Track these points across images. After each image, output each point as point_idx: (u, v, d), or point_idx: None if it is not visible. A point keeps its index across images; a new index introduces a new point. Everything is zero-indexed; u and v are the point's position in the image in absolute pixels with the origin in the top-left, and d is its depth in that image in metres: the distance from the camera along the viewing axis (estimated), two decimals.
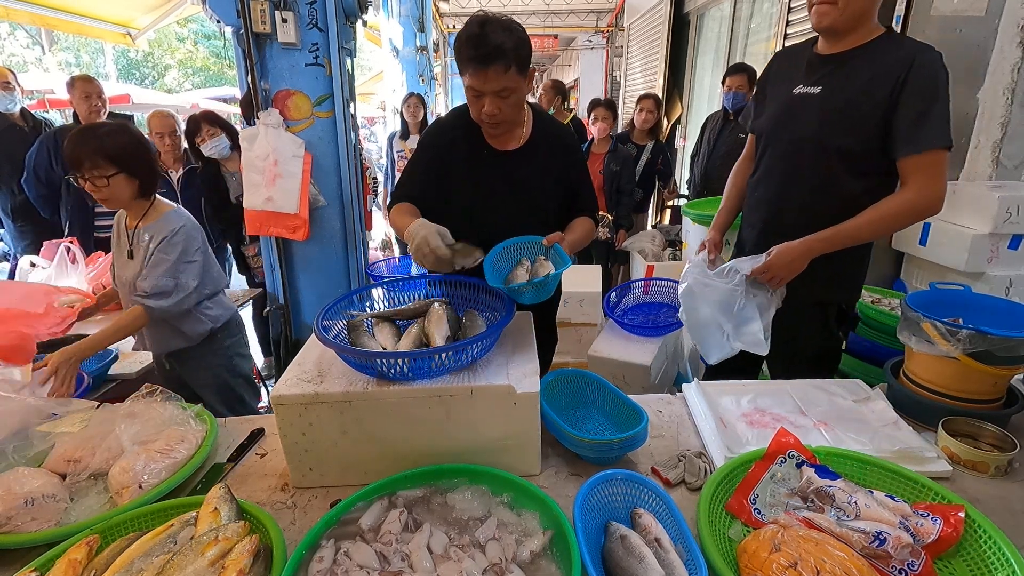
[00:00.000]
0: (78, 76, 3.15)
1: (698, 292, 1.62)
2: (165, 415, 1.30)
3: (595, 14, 10.51)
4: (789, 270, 1.53)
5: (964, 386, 1.28)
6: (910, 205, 1.44)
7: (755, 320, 1.53)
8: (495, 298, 1.38)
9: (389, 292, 1.50)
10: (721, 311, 1.57)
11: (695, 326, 1.67)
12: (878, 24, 1.50)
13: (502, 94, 1.39)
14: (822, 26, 1.48)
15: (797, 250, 1.50)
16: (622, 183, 3.75)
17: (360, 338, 1.26)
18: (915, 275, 2.54)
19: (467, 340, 1.17)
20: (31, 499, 1.05)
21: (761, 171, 1.70)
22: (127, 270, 1.84)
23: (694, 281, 1.64)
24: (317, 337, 1.20)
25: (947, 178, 1.45)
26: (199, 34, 19.39)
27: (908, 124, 1.40)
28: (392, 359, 1.11)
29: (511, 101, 1.42)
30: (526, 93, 1.49)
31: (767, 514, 1.02)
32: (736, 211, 1.87)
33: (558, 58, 16.09)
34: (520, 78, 1.40)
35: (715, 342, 1.61)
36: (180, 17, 6.03)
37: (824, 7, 1.44)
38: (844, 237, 1.49)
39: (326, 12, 2.85)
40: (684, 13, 5.67)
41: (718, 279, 1.59)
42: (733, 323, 1.56)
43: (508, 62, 1.34)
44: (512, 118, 1.49)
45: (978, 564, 0.90)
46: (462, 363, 1.17)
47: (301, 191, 3.01)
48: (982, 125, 2.42)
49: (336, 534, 0.97)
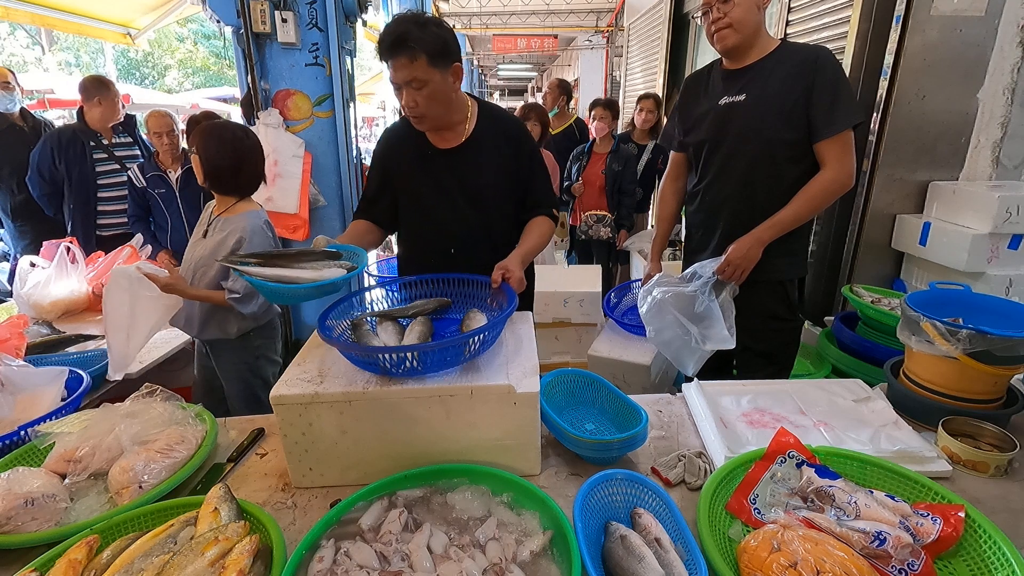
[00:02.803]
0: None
1: (664, 303, 1.78)
2: (165, 415, 1.30)
3: (595, 14, 10.51)
4: (748, 260, 1.73)
5: (964, 386, 1.28)
6: (829, 183, 1.68)
7: (719, 320, 1.70)
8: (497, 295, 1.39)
9: (389, 292, 1.51)
10: (687, 316, 1.75)
11: (665, 343, 1.83)
12: (772, 36, 1.75)
13: (413, 85, 1.43)
14: (728, 47, 1.70)
15: (748, 242, 1.72)
16: (624, 183, 3.75)
17: (364, 337, 1.27)
18: (915, 275, 2.54)
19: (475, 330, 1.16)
20: (31, 499, 1.05)
21: (710, 176, 1.86)
22: (196, 250, 2.01)
23: (660, 292, 1.80)
24: (321, 337, 1.21)
25: (854, 153, 1.68)
26: (199, 34, 19.37)
27: (822, 113, 1.64)
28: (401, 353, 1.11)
29: (425, 93, 1.44)
30: (449, 88, 1.48)
31: (767, 514, 1.01)
32: (668, 235, 2.16)
33: (558, 58, 16.09)
34: (433, 70, 1.42)
35: (687, 351, 1.76)
36: (180, 17, 6.02)
37: (725, 31, 1.67)
38: (786, 222, 1.71)
39: (326, 12, 2.86)
40: (684, 13, 5.67)
41: (681, 284, 1.78)
42: (699, 326, 1.73)
43: (412, 52, 1.38)
44: (434, 112, 1.49)
45: (978, 564, 0.90)
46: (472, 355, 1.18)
47: (301, 191, 3.02)
48: (982, 125, 2.42)
49: (336, 534, 0.97)
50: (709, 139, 1.83)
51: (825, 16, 2.93)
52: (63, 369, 1.56)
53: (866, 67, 2.55)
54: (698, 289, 1.74)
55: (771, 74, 1.69)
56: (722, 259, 1.75)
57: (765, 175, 1.74)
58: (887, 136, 2.47)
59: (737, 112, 1.74)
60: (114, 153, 3.37)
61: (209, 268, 1.93)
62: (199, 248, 1.99)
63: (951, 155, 2.49)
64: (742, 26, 1.65)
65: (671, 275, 1.89)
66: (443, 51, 1.43)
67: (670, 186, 2.08)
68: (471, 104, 1.63)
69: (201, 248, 1.98)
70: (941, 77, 2.38)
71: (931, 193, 2.49)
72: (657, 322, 1.81)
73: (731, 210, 1.83)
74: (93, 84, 3.23)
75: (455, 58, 1.47)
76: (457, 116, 1.59)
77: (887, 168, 2.51)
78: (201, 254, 1.96)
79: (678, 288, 1.77)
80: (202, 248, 1.98)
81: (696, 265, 1.80)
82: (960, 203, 2.31)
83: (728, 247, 1.75)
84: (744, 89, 1.73)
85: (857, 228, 2.65)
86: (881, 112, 2.47)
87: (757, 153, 1.74)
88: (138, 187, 3.09)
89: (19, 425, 1.33)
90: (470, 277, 1.46)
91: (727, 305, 1.74)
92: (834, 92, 1.62)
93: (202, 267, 1.94)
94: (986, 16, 2.30)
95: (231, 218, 1.96)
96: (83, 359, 1.93)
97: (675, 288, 1.78)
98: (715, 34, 1.69)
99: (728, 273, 1.74)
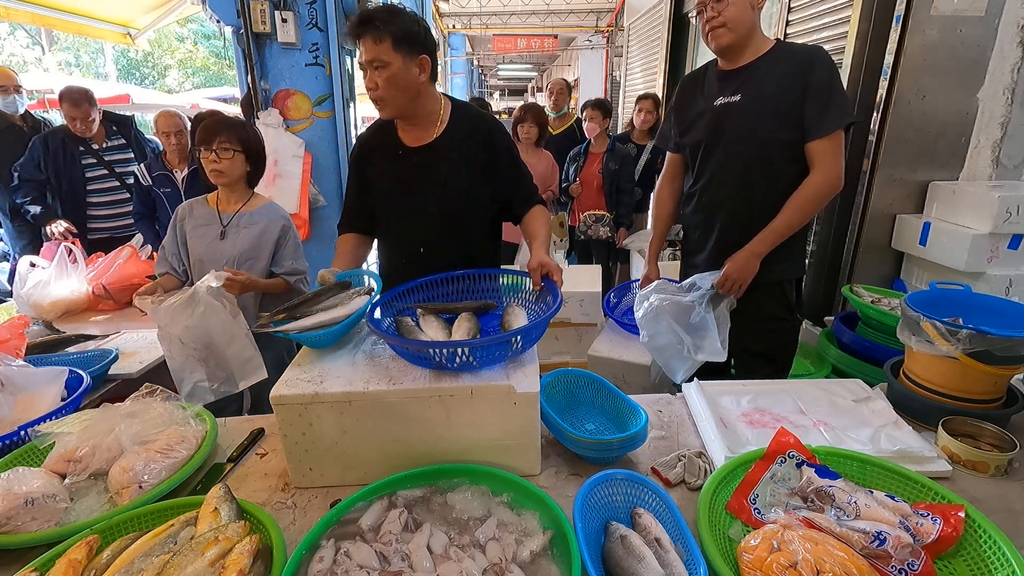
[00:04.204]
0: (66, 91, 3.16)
1: (661, 310, 1.79)
2: (165, 415, 1.30)
3: (595, 14, 10.52)
4: (746, 273, 1.74)
5: (964, 386, 1.28)
6: (818, 186, 1.68)
7: (713, 332, 1.72)
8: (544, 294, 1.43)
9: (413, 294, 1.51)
10: (682, 325, 1.76)
11: (657, 349, 1.85)
12: (767, 37, 1.75)
13: (375, 64, 1.46)
14: (722, 45, 1.70)
15: (745, 256, 1.74)
16: (622, 182, 3.75)
17: (410, 331, 1.30)
18: (915, 275, 2.54)
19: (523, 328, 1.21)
20: (31, 499, 1.05)
21: (707, 177, 1.86)
22: (216, 250, 2.00)
23: (657, 299, 1.81)
24: (370, 329, 1.24)
25: (843, 156, 1.69)
26: (199, 34, 19.36)
27: (815, 113, 1.64)
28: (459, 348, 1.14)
29: (385, 76, 1.47)
30: (411, 78, 1.51)
31: (767, 514, 1.01)
32: (665, 237, 2.16)
33: (558, 58, 16.09)
34: (396, 55, 1.46)
35: (679, 360, 1.79)
36: (180, 17, 6.02)
37: (719, 30, 1.67)
38: (780, 232, 1.72)
39: (326, 12, 2.86)
40: (684, 13, 5.67)
41: (679, 294, 1.79)
42: (693, 337, 1.75)
43: (378, 33, 1.43)
44: (392, 97, 1.51)
45: (978, 564, 0.90)
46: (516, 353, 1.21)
47: (301, 191, 3.02)
48: (982, 125, 2.42)
49: (336, 534, 0.97)
50: (705, 140, 1.83)
51: (825, 16, 2.93)
52: (63, 369, 1.56)
53: (866, 67, 2.55)
54: (695, 300, 1.75)
55: (766, 74, 1.69)
56: (720, 273, 1.76)
57: (762, 175, 1.75)
58: (887, 136, 2.47)
59: (733, 113, 1.74)
60: (103, 158, 3.36)
61: (257, 260, 2.00)
62: (227, 246, 2.00)
63: (951, 155, 2.49)
64: (736, 25, 1.65)
65: (669, 282, 1.89)
66: (409, 39, 1.46)
67: (666, 187, 2.08)
68: (444, 102, 1.64)
69: (232, 246, 2.00)
70: (941, 77, 2.38)
71: (931, 193, 2.49)
72: (652, 327, 1.83)
73: (728, 211, 1.83)
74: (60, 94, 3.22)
75: (424, 51, 1.50)
76: (424, 111, 1.60)
77: (887, 168, 2.52)
78: (242, 248, 2.00)
79: (675, 297, 1.78)
80: (234, 245, 2.00)
81: (696, 276, 1.81)
82: (960, 203, 2.31)
83: (725, 260, 1.77)
84: (739, 90, 1.73)
85: (857, 228, 2.65)
86: (881, 112, 2.47)
87: (753, 154, 1.74)
88: (144, 185, 3.09)
89: (19, 425, 1.33)
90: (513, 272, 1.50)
91: (723, 318, 1.76)
92: (828, 92, 1.63)
93: (247, 261, 1.99)
94: (986, 16, 2.31)
95: (257, 210, 2.03)
96: (83, 359, 1.92)
97: (672, 296, 1.78)
98: (709, 33, 1.70)
99: (728, 287, 1.76)
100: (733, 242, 1.81)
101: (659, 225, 2.14)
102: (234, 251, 1.99)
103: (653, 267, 2.13)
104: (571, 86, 4.56)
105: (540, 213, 1.70)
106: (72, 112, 3.19)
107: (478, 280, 1.52)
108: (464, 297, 1.51)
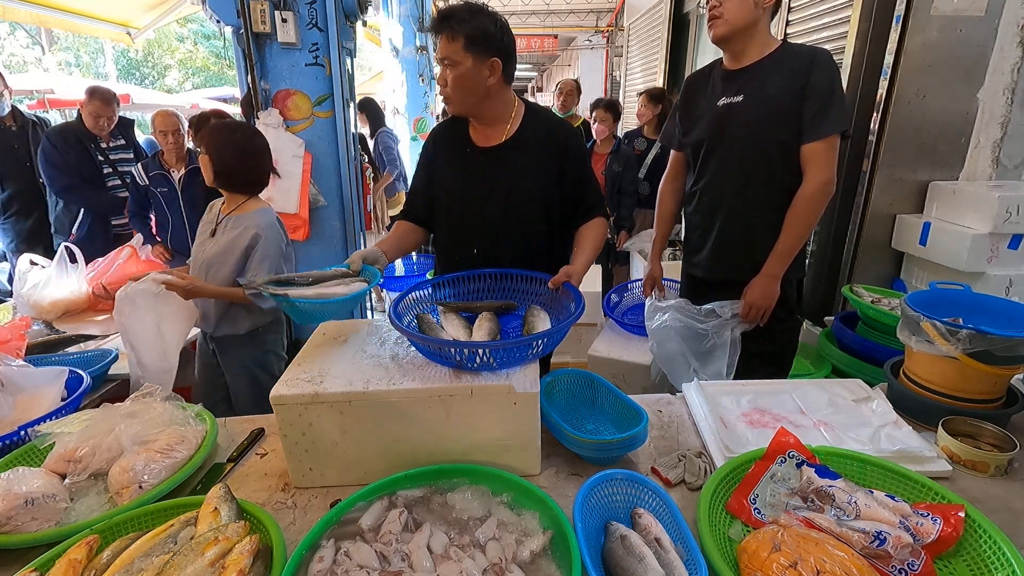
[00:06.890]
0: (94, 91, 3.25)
1: (673, 330, 1.85)
2: (165, 415, 1.30)
3: (595, 14, 10.52)
4: (768, 299, 1.76)
5: (964, 386, 1.28)
6: (814, 193, 1.68)
7: (721, 360, 1.78)
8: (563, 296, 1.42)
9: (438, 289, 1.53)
10: (692, 349, 1.81)
11: (664, 357, 1.91)
12: (774, 37, 1.75)
13: (447, 63, 1.48)
14: (716, 36, 1.71)
15: (763, 282, 1.75)
16: (624, 184, 3.75)
17: (431, 329, 1.31)
18: (915, 275, 2.54)
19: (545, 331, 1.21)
20: (31, 499, 1.05)
21: (708, 177, 1.87)
22: (206, 248, 2.02)
23: (671, 318, 1.86)
24: (394, 326, 1.24)
25: (836, 162, 1.69)
26: (199, 34, 19.36)
27: (812, 115, 1.64)
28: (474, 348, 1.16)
29: (454, 75, 1.48)
30: (480, 79, 1.50)
31: (767, 514, 1.02)
32: (668, 235, 2.16)
33: (558, 58, 16.08)
34: (467, 55, 1.46)
35: (681, 372, 1.85)
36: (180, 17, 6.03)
37: (716, 20, 1.68)
38: (790, 249, 1.73)
39: (326, 12, 2.85)
40: (684, 13, 5.67)
41: (695, 320, 1.82)
42: (700, 360, 1.80)
43: (452, 32, 1.44)
44: (459, 97, 1.52)
45: (978, 564, 0.90)
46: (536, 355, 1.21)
47: (301, 191, 3.01)
48: (982, 125, 2.42)
49: (336, 534, 0.97)
50: (707, 139, 1.83)
51: (825, 16, 2.93)
52: (63, 369, 1.56)
53: (866, 67, 2.55)
54: (710, 330, 1.77)
55: (769, 75, 1.69)
56: (740, 303, 1.77)
57: (762, 176, 1.75)
58: (887, 136, 2.47)
59: (734, 113, 1.74)
60: (109, 157, 3.40)
61: (223, 266, 1.95)
62: (210, 246, 2.00)
63: (951, 155, 2.49)
64: (732, 18, 1.65)
65: (688, 305, 1.88)
66: (483, 41, 1.46)
67: (669, 186, 2.09)
68: (518, 106, 1.62)
69: (213, 246, 1.99)
70: (941, 77, 2.38)
71: (931, 193, 2.49)
72: (661, 337, 1.86)
73: (728, 211, 1.83)
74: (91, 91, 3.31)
75: (496, 53, 1.49)
76: (492, 113, 1.59)
77: (887, 168, 2.52)
78: (214, 251, 1.98)
79: (690, 321, 1.80)
80: (214, 246, 1.99)
81: (715, 304, 1.81)
82: (960, 203, 2.31)
83: (724, 260, 1.80)
84: (742, 90, 1.73)
85: (857, 228, 2.65)
86: (881, 112, 2.47)
87: (754, 154, 1.74)
88: (140, 185, 3.10)
89: (19, 425, 1.33)
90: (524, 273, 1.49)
91: (735, 344, 1.78)
92: (827, 96, 1.62)
93: (215, 264, 1.96)
94: (986, 16, 2.31)
95: (242, 216, 1.98)
96: (83, 359, 1.93)
97: (688, 320, 1.81)
98: (709, 23, 1.71)
99: (752, 316, 1.77)
100: (732, 242, 1.81)
101: (661, 224, 2.14)
102: (216, 251, 1.98)
103: (656, 265, 2.13)
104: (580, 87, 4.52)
105: (595, 226, 1.66)
106: (102, 110, 3.26)
107: (500, 280, 1.52)
108: (485, 296, 1.52)
